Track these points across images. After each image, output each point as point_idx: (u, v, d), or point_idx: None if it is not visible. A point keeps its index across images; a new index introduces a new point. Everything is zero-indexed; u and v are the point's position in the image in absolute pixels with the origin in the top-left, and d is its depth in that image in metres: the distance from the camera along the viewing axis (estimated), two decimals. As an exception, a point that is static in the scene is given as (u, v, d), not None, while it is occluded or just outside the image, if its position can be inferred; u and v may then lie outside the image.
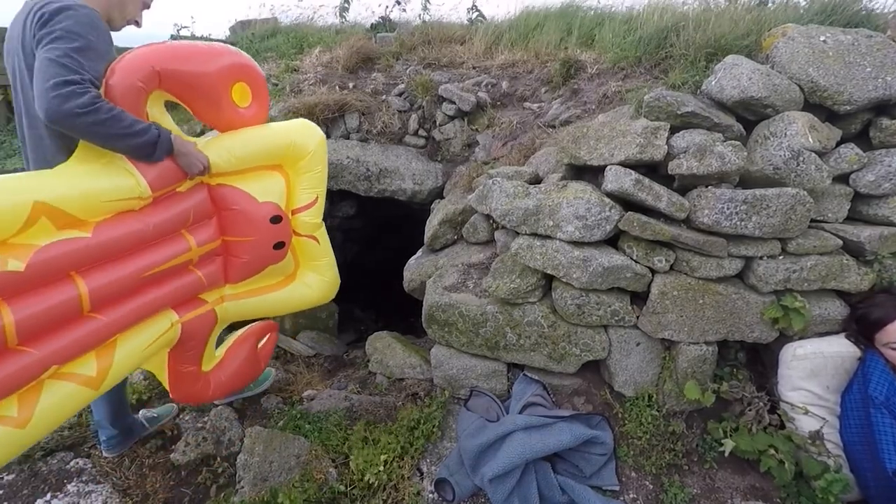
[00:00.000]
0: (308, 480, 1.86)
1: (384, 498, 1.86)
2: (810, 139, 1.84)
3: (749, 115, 2.05)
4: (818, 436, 1.88)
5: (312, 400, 2.35)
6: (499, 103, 3.16)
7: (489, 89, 3.21)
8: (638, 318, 2.05)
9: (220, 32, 5.99)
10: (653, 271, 2.01)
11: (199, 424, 2.15)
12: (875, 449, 1.72)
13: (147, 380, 2.43)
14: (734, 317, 1.98)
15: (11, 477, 1.88)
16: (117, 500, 1.83)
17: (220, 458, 2.01)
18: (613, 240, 2.07)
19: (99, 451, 2.00)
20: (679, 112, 1.95)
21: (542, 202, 2.01)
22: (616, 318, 2.05)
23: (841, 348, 1.91)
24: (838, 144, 1.98)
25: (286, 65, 3.76)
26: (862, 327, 1.91)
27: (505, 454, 1.86)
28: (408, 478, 1.93)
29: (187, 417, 2.23)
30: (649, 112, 2.03)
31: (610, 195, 1.98)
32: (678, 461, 2.03)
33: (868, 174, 1.95)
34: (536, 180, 2.33)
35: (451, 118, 3.19)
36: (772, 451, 1.89)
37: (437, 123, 3.27)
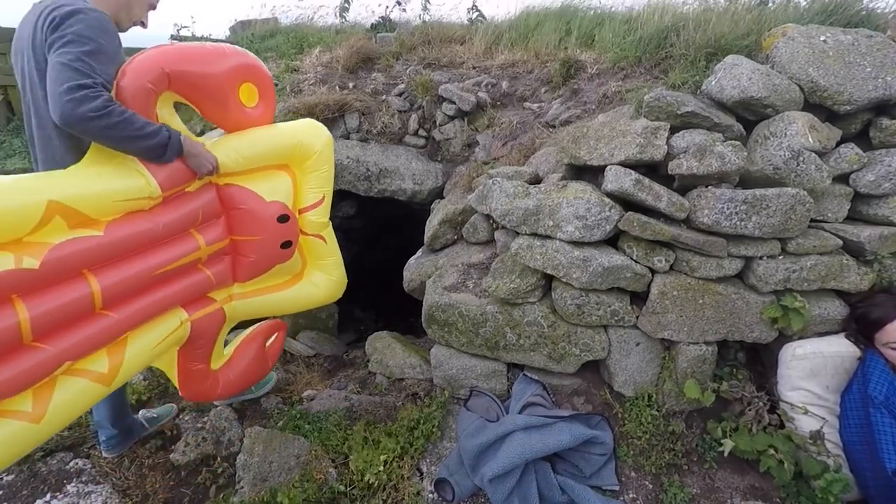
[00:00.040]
0: (308, 480, 1.86)
1: (384, 498, 1.86)
2: (810, 139, 1.84)
3: (749, 115, 2.05)
4: (819, 435, 1.88)
5: (312, 400, 2.35)
6: (499, 103, 3.16)
7: (489, 89, 3.21)
8: (638, 318, 2.05)
9: (220, 32, 5.98)
10: (653, 271, 2.01)
11: (199, 425, 2.15)
12: (874, 449, 1.72)
13: (147, 380, 2.43)
14: (734, 317, 1.98)
15: (11, 477, 1.88)
16: (117, 501, 1.83)
17: (219, 459, 2.01)
18: (613, 240, 2.07)
19: (98, 452, 2.00)
20: (679, 112, 1.95)
21: (542, 202, 2.01)
22: (616, 318, 2.05)
23: (841, 348, 1.92)
24: (838, 144, 1.98)
25: (286, 65, 3.76)
26: (862, 327, 1.91)
27: (505, 454, 1.86)
28: (407, 478, 1.93)
29: (187, 418, 2.23)
30: (649, 112, 2.03)
31: (610, 195, 1.98)
32: (678, 461, 2.03)
33: (868, 174, 1.95)
34: (536, 180, 2.33)
35: (451, 118, 3.19)
36: (771, 451, 1.89)
37: (437, 123, 3.27)
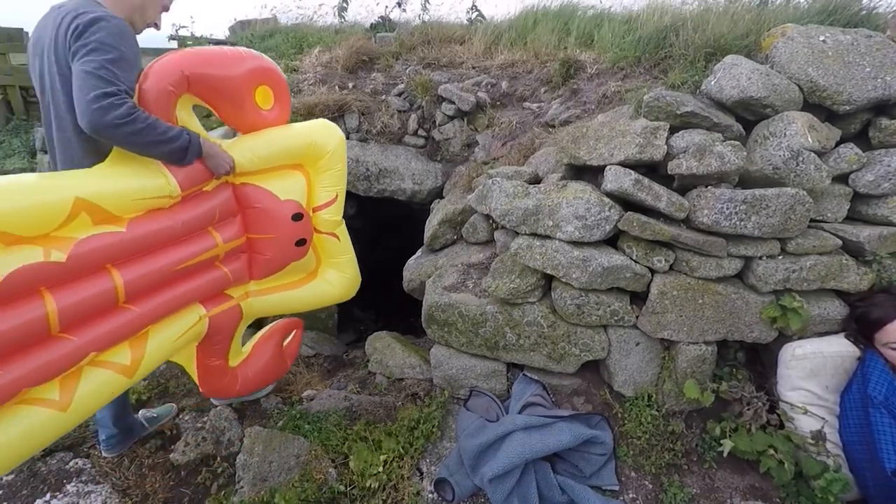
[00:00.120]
0: (308, 480, 1.86)
1: (384, 498, 1.86)
2: (810, 139, 1.84)
3: (748, 115, 2.05)
4: (820, 435, 1.88)
5: (312, 400, 2.35)
6: (498, 103, 3.16)
7: (489, 89, 3.21)
8: (637, 317, 2.05)
9: (220, 32, 5.98)
10: (652, 271, 2.01)
11: (199, 424, 2.15)
12: (874, 449, 1.72)
13: (147, 380, 2.43)
14: (733, 317, 1.98)
15: (11, 477, 1.88)
16: (117, 501, 1.83)
17: (219, 458, 2.01)
18: (613, 240, 2.07)
19: (98, 451, 2.00)
20: (678, 112, 1.95)
21: (541, 202, 2.01)
22: (615, 318, 2.05)
23: (840, 348, 1.92)
24: (838, 144, 1.98)
25: (286, 65, 3.76)
26: (861, 327, 1.91)
27: (505, 454, 1.86)
28: (407, 478, 1.93)
29: (187, 417, 2.23)
30: (649, 112, 2.03)
31: (609, 195, 1.98)
32: (678, 461, 2.03)
33: (867, 174, 1.95)
34: (536, 180, 2.33)
35: (451, 118, 3.19)
36: (771, 451, 1.89)
37: (437, 123, 3.27)
